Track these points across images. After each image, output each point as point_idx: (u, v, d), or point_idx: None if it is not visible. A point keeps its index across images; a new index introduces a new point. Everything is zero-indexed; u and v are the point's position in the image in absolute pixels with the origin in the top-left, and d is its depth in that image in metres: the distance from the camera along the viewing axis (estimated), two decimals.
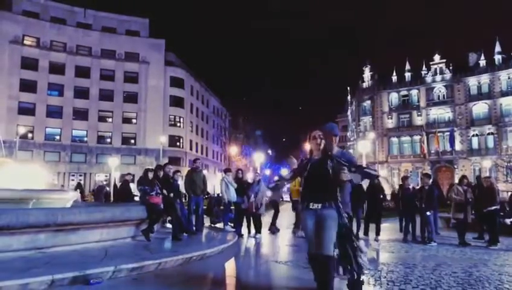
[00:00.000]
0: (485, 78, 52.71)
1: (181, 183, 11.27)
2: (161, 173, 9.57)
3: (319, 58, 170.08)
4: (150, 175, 9.19)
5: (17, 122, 47.04)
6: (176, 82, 58.50)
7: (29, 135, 49.41)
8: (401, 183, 12.69)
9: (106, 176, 48.16)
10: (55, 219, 6.49)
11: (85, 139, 52.84)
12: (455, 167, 52.46)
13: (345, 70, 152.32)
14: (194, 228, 10.45)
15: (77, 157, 51.77)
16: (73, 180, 49.23)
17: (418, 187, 11.83)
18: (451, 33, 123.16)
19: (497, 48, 52.08)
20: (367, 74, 62.55)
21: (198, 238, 9.64)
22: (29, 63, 49.93)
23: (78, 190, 21.07)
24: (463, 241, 9.98)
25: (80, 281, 4.95)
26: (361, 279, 4.44)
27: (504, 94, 51.10)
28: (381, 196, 11.88)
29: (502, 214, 12.33)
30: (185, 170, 54.36)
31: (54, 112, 51.26)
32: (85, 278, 4.99)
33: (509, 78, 51.03)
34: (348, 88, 68.83)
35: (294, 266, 6.76)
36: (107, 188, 27.67)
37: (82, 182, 45.81)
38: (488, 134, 51.99)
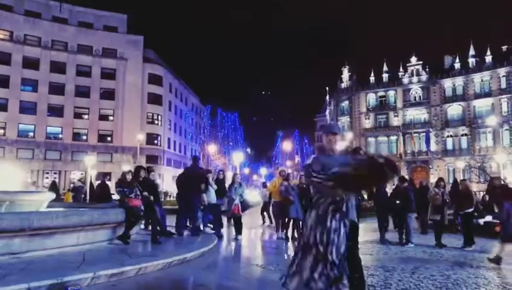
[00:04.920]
0: (459, 81, 53.97)
1: (159, 182, 11.16)
2: (142, 174, 9.41)
3: (299, 58, 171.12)
4: (129, 177, 9.00)
5: None
6: (154, 79, 57.72)
7: (1, 132, 48.01)
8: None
9: (82, 174, 47.16)
10: (30, 224, 6.30)
11: (60, 136, 51.62)
12: (430, 167, 53.58)
13: (324, 71, 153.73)
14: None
15: (52, 154, 50.51)
16: (47, 178, 48.02)
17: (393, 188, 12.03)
18: (428, 35, 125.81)
19: (471, 52, 53.41)
20: (345, 74, 63.26)
21: (178, 241, 9.52)
22: (1, 57, 48.36)
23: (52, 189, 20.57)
24: (439, 242, 10.17)
25: (57, 289, 4.81)
26: None
27: (477, 96, 52.48)
28: (359, 197, 11.94)
29: (475, 215, 12.64)
30: (162, 168, 53.99)
31: (28, 108, 49.87)
32: (62, 285, 4.85)
33: (482, 80, 52.40)
34: (327, 88, 69.46)
35: (275, 270, 6.75)
36: (85, 187, 27.14)
37: (57, 180, 44.72)
38: (462, 135, 53.29)
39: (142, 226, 10.91)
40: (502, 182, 10.92)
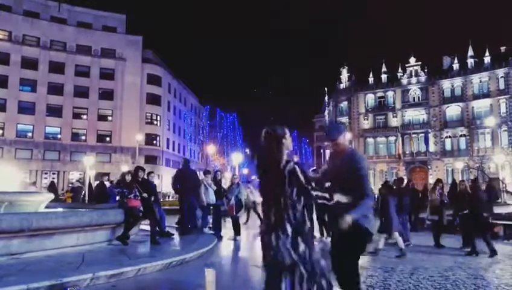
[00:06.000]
0: (458, 82, 54.05)
1: (157, 183, 11.18)
2: (141, 175, 9.41)
3: (299, 58, 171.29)
4: (128, 178, 9.00)
5: None
6: (153, 79, 57.65)
7: (0, 132, 47.92)
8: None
9: (81, 174, 47.09)
10: (30, 224, 6.30)
11: (59, 136, 51.52)
12: (429, 167, 53.66)
13: (323, 71, 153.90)
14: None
15: (50, 155, 50.45)
16: (46, 178, 47.90)
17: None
18: (427, 35, 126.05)
19: (470, 52, 53.48)
20: (344, 74, 63.32)
21: (177, 242, 9.53)
22: (0, 58, 48.34)
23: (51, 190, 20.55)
24: (438, 243, 10.18)
25: (57, 289, 4.81)
26: None
27: (476, 97, 52.56)
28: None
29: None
30: (161, 169, 53.92)
31: (26, 108, 49.76)
32: (62, 286, 4.85)
33: (480, 81, 52.48)
34: (326, 89, 69.47)
35: None
36: (83, 187, 27.10)
37: (55, 180, 44.65)
38: (461, 136, 53.36)
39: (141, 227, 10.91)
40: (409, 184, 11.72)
